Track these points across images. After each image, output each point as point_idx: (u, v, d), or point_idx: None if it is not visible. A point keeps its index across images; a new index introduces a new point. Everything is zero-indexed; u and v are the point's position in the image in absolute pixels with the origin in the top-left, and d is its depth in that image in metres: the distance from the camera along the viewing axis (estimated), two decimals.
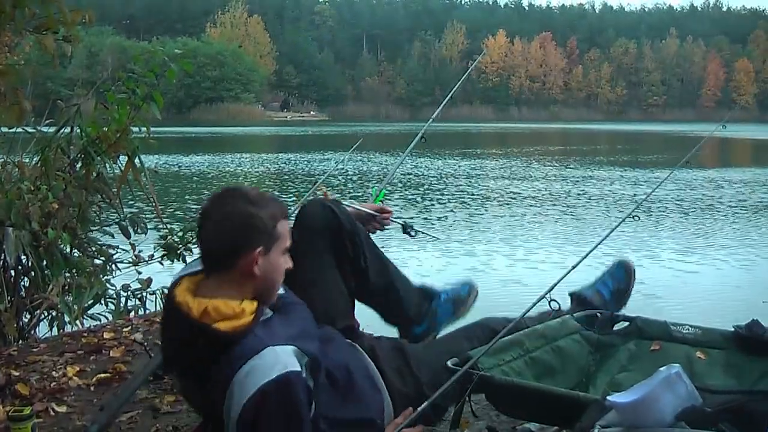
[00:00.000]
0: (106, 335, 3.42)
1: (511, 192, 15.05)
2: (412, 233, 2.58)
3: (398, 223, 2.55)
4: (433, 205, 13.02)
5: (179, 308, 1.72)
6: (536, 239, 9.76)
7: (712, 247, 9.28)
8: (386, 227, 2.52)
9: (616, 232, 2.49)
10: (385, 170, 18.11)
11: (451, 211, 12.24)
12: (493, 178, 17.94)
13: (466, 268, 7.71)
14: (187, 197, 13.80)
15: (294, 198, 12.16)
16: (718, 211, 12.57)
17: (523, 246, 9.26)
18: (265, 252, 1.76)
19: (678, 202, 13.49)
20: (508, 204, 13.17)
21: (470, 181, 17.03)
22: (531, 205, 12.71)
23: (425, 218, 11.30)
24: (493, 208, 12.53)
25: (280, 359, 1.67)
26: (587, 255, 2.25)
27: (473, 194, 14.62)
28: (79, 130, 3.86)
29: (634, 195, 14.22)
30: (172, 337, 1.81)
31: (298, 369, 1.69)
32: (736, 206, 13.18)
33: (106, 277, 4.12)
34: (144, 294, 4.25)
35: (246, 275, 1.75)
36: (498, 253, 8.83)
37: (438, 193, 14.78)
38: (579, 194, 14.54)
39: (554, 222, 11.13)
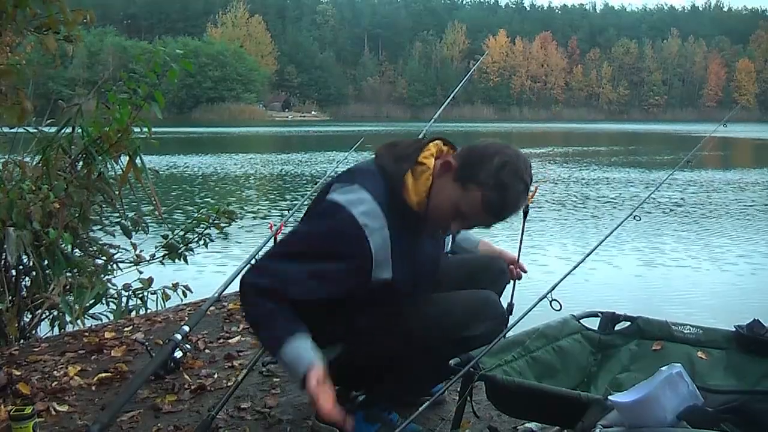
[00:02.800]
0: (107, 335, 3.43)
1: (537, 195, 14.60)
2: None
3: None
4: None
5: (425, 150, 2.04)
6: (564, 245, 9.47)
7: (752, 256, 8.88)
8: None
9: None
10: None
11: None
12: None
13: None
14: (188, 198, 13.79)
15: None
16: (751, 215, 12.28)
17: (547, 253, 8.92)
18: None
19: (701, 206, 13.23)
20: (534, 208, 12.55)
21: None
22: (554, 209, 12.42)
23: None
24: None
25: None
26: (588, 255, 2.26)
27: None
28: (80, 130, 3.86)
29: (661, 198, 13.67)
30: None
31: (362, 226, 1.91)
32: (765, 210, 12.92)
33: (107, 277, 4.12)
34: (145, 293, 4.24)
35: (457, 197, 1.95)
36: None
37: None
38: (599, 197, 14.21)
39: (578, 225, 10.98)
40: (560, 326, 2.30)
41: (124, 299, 4.19)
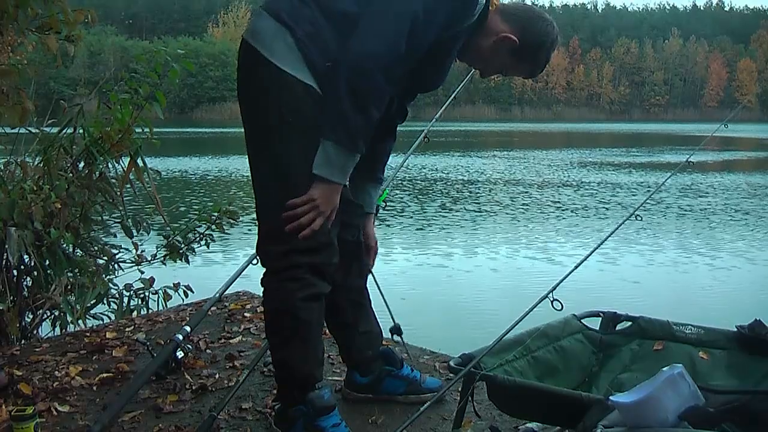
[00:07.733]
0: (108, 335, 3.43)
1: (561, 200, 13.82)
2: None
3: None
4: (482, 213, 11.60)
5: None
6: (566, 244, 9.40)
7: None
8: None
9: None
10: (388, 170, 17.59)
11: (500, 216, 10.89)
12: (538, 185, 16.87)
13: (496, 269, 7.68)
14: (189, 198, 13.79)
15: None
16: (753, 214, 12.24)
17: (549, 252, 8.90)
18: None
19: (703, 205, 13.17)
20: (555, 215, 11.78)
21: (508, 188, 16.12)
22: (556, 209, 11.98)
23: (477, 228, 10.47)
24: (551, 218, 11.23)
25: None
26: (589, 255, 2.26)
27: (516, 201, 13.31)
28: (81, 130, 3.86)
29: (690, 205, 13.53)
30: None
31: None
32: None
33: (108, 277, 4.12)
34: (146, 293, 4.24)
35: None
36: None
37: (494, 203, 13.25)
38: (632, 204, 13.52)
39: (581, 225, 10.82)
40: (561, 326, 2.30)
41: (125, 299, 4.19)
